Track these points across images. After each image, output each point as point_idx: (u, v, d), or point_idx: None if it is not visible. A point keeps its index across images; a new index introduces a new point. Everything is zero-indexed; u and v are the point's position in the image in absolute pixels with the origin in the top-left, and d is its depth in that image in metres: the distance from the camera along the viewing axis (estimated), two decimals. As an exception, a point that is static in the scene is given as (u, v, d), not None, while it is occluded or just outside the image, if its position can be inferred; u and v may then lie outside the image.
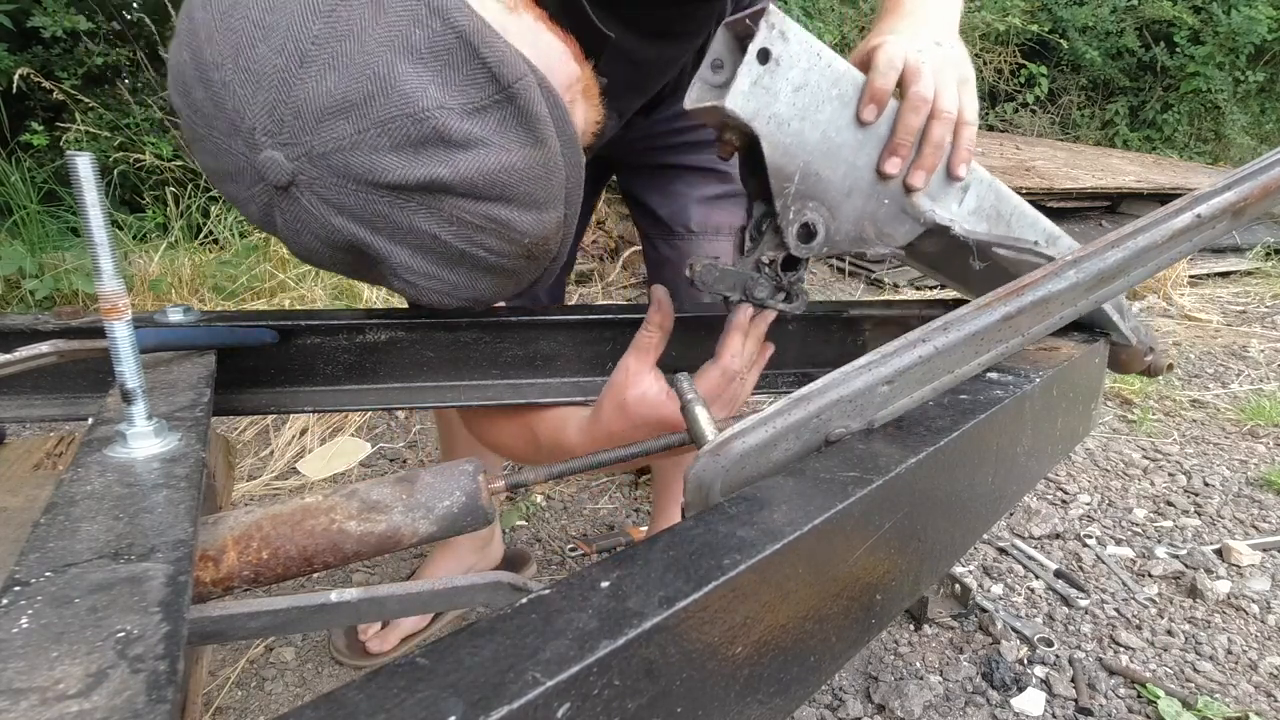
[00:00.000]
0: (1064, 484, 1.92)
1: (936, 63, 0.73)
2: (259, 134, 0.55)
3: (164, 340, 0.74)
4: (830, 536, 0.45)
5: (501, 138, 0.57)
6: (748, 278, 0.74)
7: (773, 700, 0.44)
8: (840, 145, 0.71)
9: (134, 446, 0.53)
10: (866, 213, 0.75)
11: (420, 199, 0.57)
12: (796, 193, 0.71)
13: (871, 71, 0.70)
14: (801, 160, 0.70)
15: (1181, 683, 1.26)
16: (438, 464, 0.59)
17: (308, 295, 2.78)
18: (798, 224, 0.72)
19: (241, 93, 0.54)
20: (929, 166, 0.74)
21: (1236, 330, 3.29)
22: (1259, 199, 0.75)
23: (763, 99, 0.66)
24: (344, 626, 1.32)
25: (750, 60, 0.64)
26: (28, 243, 2.97)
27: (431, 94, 0.54)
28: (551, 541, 1.68)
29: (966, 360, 0.65)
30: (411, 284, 0.63)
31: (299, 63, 0.53)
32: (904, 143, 0.72)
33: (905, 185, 0.75)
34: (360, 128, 0.54)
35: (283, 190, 0.57)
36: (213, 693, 1.22)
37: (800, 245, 0.73)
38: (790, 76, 0.66)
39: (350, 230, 0.58)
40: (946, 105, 0.72)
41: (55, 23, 3.51)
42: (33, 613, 0.36)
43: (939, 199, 0.78)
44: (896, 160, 0.73)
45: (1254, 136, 7.01)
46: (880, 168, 0.73)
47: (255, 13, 0.54)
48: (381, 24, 0.53)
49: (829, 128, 0.70)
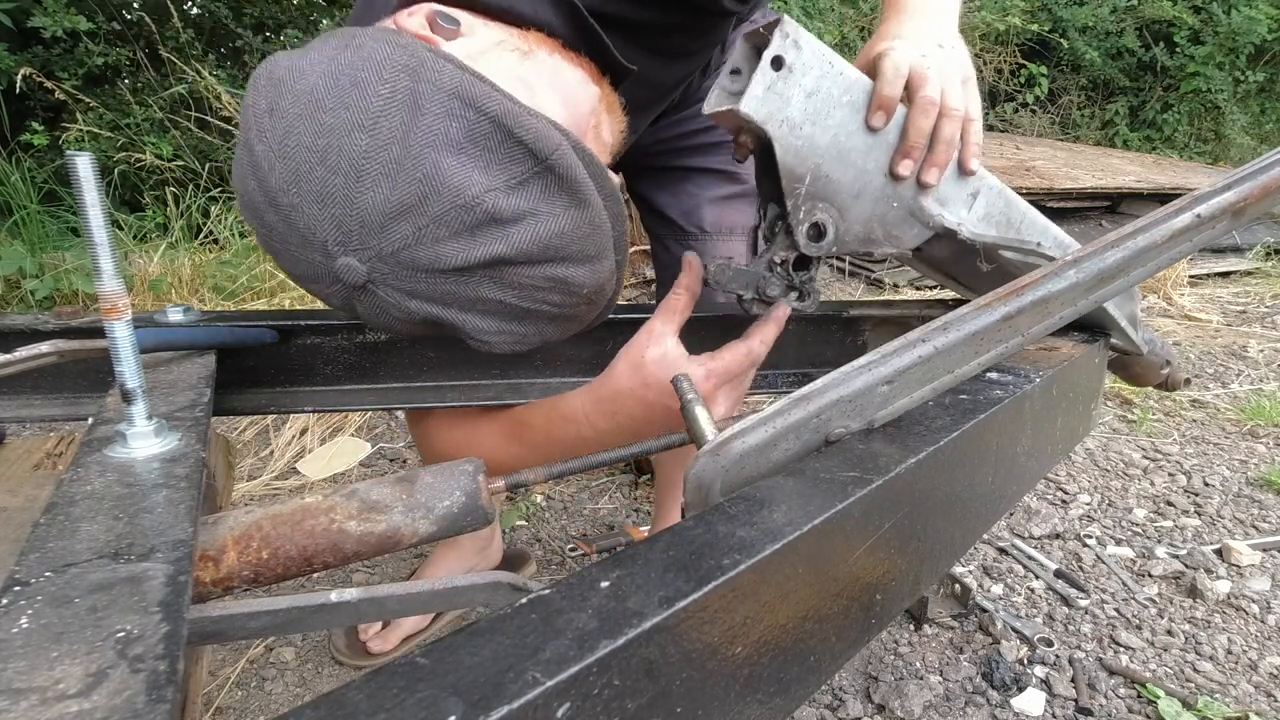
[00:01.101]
0: (1064, 484, 1.92)
1: (941, 65, 0.75)
2: (331, 245, 0.60)
3: (164, 340, 0.74)
4: (830, 536, 0.45)
5: (548, 205, 0.61)
6: (760, 277, 0.76)
7: (773, 700, 0.44)
8: (850, 149, 0.73)
9: (134, 446, 0.53)
10: (875, 215, 0.77)
11: (483, 273, 0.61)
12: (807, 194, 0.73)
13: (879, 80, 0.72)
14: (812, 162, 0.72)
15: (1181, 683, 1.26)
16: (438, 464, 0.59)
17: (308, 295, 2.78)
18: (808, 224, 0.74)
19: (309, 212, 0.59)
20: (941, 163, 0.76)
21: (1236, 330, 3.29)
22: (1259, 199, 0.75)
23: (776, 103, 0.68)
24: (344, 626, 1.32)
25: (764, 66, 0.67)
26: (28, 243, 2.97)
27: (477, 180, 0.58)
28: (551, 541, 1.68)
29: (966, 360, 0.65)
30: (485, 341, 0.67)
31: (355, 178, 0.58)
32: (916, 145, 0.74)
33: (919, 182, 0.77)
34: (419, 225, 0.59)
35: (360, 289, 0.62)
36: (213, 693, 1.22)
37: (810, 244, 0.75)
38: (803, 83, 0.69)
39: (425, 310, 0.63)
40: (954, 104, 0.74)
41: (55, 23, 3.51)
42: (33, 613, 0.36)
43: (948, 203, 0.80)
44: (909, 162, 0.75)
45: (1254, 136, 7.01)
46: (893, 170, 0.75)
47: (307, 138, 0.58)
48: (421, 126, 0.57)
49: (839, 132, 0.72)
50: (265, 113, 0.59)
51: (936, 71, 0.74)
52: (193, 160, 3.41)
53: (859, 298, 3.55)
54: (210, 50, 4.14)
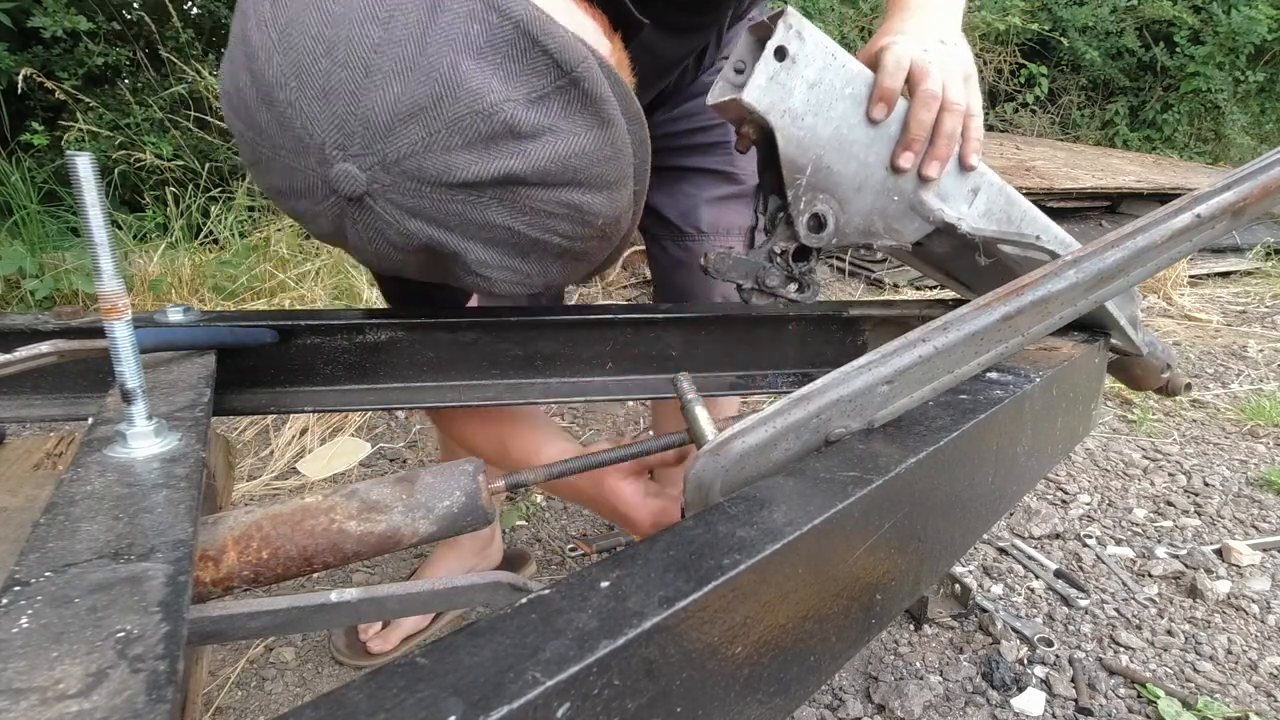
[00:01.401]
0: (1064, 484, 1.92)
1: (943, 60, 0.75)
2: (329, 148, 0.55)
3: (164, 340, 0.74)
4: (830, 536, 0.45)
5: (569, 123, 0.57)
6: (760, 267, 0.77)
7: (773, 700, 0.44)
8: (852, 142, 0.74)
9: (134, 446, 0.53)
10: (876, 208, 0.78)
11: (494, 193, 0.57)
12: (808, 184, 0.74)
13: (880, 72, 0.72)
14: (814, 153, 0.72)
15: (1181, 683, 1.26)
16: (438, 464, 0.59)
17: (308, 295, 2.78)
18: (808, 214, 0.75)
19: (308, 110, 0.54)
20: (943, 157, 0.77)
21: (1236, 330, 3.29)
22: (1259, 199, 0.75)
23: (778, 94, 0.69)
24: (344, 626, 1.32)
25: (768, 56, 0.67)
26: (28, 243, 2.97)
27: (497, 88, 0.54)
28: (551, 541, 1.68)
29: (966, 360, 0.65)
30: (485, 277, 0.63)
31: (364, 73, 0.53)
32: (917, 137, 0.75)
33: (920, 176, 0.77)
34: (430, 130, 0.54)
35: (356, 201, 0.57)
36: (213, 693, 1.22)
37: (810, 235, 0.76)
38: (805, 74, 0.69)
39: (425, 232, 0.58)
40: (956, 98, 0.74)
41: (55, 23, 3.51)
42: (33, 613, 0.36)
43: (949, 199, 0.80)
44: (910, 154, 0.75)
45: (1254, 136, 7.01)
46: (894, 162, 0.76)
47: (314, 28, 0.53)
48: (440, 24, 0.53)
49: (841, 124, 0.73)
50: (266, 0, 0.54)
51: (938, 66, 0.74)
52: (193, 160, 3.41)
53: (859, 298, 3.55)
54: (210, 50, 4.13)
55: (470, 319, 0.89)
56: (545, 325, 0.91)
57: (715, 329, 0.96)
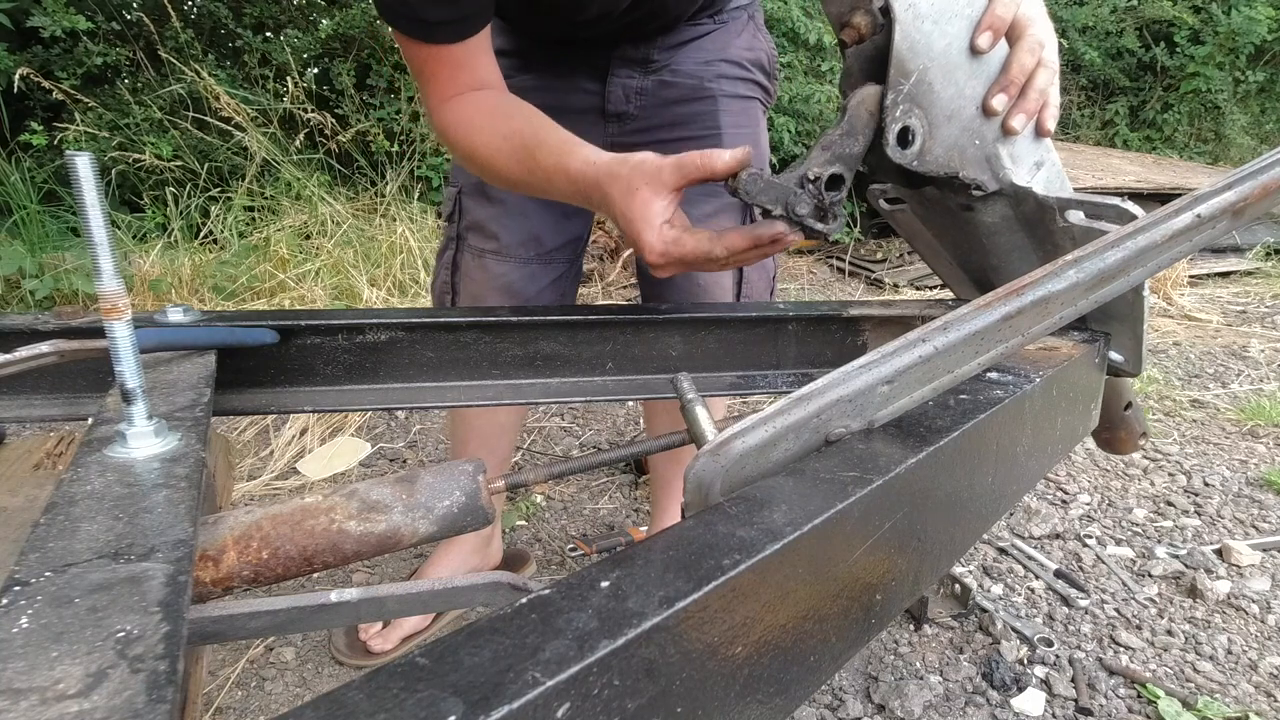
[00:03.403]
0: (1064, 484, 1.92)
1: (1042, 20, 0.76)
2: None
3: (164, 340, 0.74)
4: (830, 536, 0.45)
5: None
6: (790, 192, 0.74)
7: (773, 700, 0.44)
8: (957, 66, 0.74)
9: (134, 446, 0.53)
10: (958, 145, 0.77)
11: None
12: (908, 94, 0.73)
13: (994, 2, 0.72)
14: (922, 63, 0.72)
15: (1181, 683, 1.26)
16: (438, 464, 0.59)
17: (308, 295, 2.78)
18: (901, 124, 0.74)
19: None
20: (1030, 111, 0.77)
21: (1236, 330, 3.29)
22: (1259, 199, 0.75)
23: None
24: (344, 626, 1.32)
25: None
26: (28, 243, 2.97)
27: None
28: (551, 541, 1.68)
29: (966, 360, 0.65)
30: None
31: None
32: (1015, 80, 0.75)
33: (1004, 128, 0.78)
34: None
35: None
36: (213, 693, 1.22)
37: (896, 149, 0.75)
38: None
39: None
40: (1051, 57, 0.75)
41: (55, 22, 3.50)
42: (33, 613, 0.36)
43: (1018, 162, 0.80)
44: (1004, 96, 0.76)
45: (1254, 136, 7.01)
46: (987, 101, 0.76)
47: None
48: None
49: (954, 42, 0.73)
50: None
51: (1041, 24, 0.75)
52: (192, 160, 3.41)
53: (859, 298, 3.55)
54: (210, 50, 4.13)
55: (470, 319, 0.89)
56: (545, 325, 0.91)
57: (715, 329, 0.96)
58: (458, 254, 1.23)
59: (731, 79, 1.18)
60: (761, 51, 1.22)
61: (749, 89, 1.22)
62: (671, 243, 0.76)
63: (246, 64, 4.01)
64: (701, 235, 0.77)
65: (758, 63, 1.21)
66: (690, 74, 1.16)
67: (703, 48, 1.16)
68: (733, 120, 1.19)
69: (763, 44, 1.23)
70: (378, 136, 3.86)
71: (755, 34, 1.22)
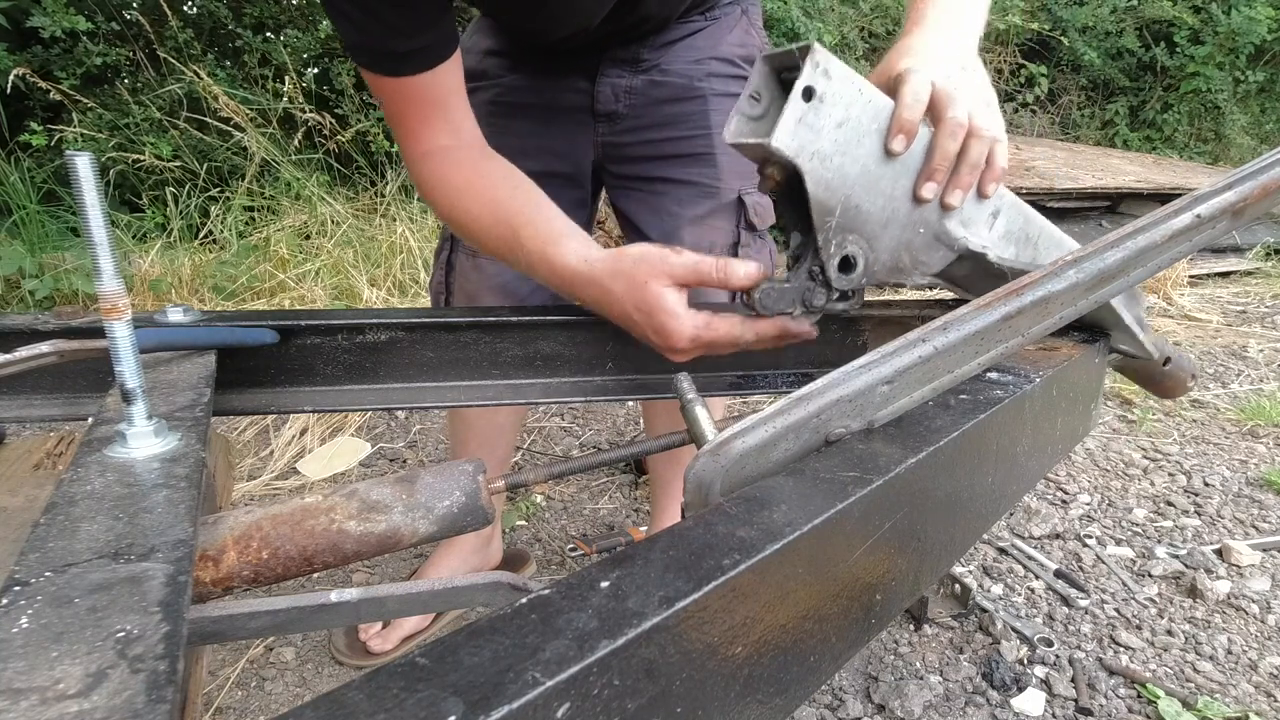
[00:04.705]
0: (1064, 484, 1.92)
1: (965, 87, 0.74)
2: None
3: (164, 340, 0.74)
4: (830, 536, 0.45)
5: None
6: (804, 289, 0.76)
7: (773, 700, 0.44)
8: (879, 177, 0.72)
9: (134, 446, 0.53)
10: (903, 242, 0.76)
11: None
12: (838, 226, 0.72)
13: (899, 104, 0.71)
14: (843, 194, 0.71)
15: (1181, 683, 1.26)
16: (438, 464, 0.59)
17: (308, 295, 2.78)
18: (839, 257, 0.74)
19: None
20: (966, 185, 0.75)
21: (1236, 330, 3.29)
22: (1259, 199, 0.75)
23: (807, 136, 0.67)
24: (344, 626, 1.32)
25: (795, 98, 0.65)
26: (28, 243, 2.97)
27: None
28: (551, 541, 1.68)
29: (966, 360, 0.65)
30: None
31: None
32: (940, 167, 0.73)
33: (942, 204, 0.76)
34: None
35: None
36: (213, 693, 1.22)
37: (840, 277, 0.75)
38: (833, 113, 0.67)
39: None
40: (983, 124, 0.73)
41: (54, 22, 3.50)
42: (33, 613, 0.36)
43: (971, 224, 0.79)
44: (933, 185, 0.74)
45: (1254, 136, 7.01)
46: (917, 192, 0.74)
47: None
48: None
49: (869, 160, 0.71)
50: None
51: (963, 93, 0.72)
52: (192, 160, 3.41)
53: (859, 298, 3.54)
54: (209, 50, 4.13)
55: (470, 319, 0.89)
56: (545, 325, 0.91)
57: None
58: (452, 254, 1.23)
59: (723, 77, 1.17)
60: (754, 48, 1.21)
61: (741, 86, 1.21)
62: (704, 327, 0.76)
63: (246, 64, 4.01)
64: (733, 319, 0.77)
65: (750, 59, 1.20)
66: (680, 73, 1.15)
67: (693, 45, 1.15)
68: (723, 119, 1.17)
69: (756, 40, 1.22)
70: (377, 136, 3.86)
71: (748, 30, 1.21)
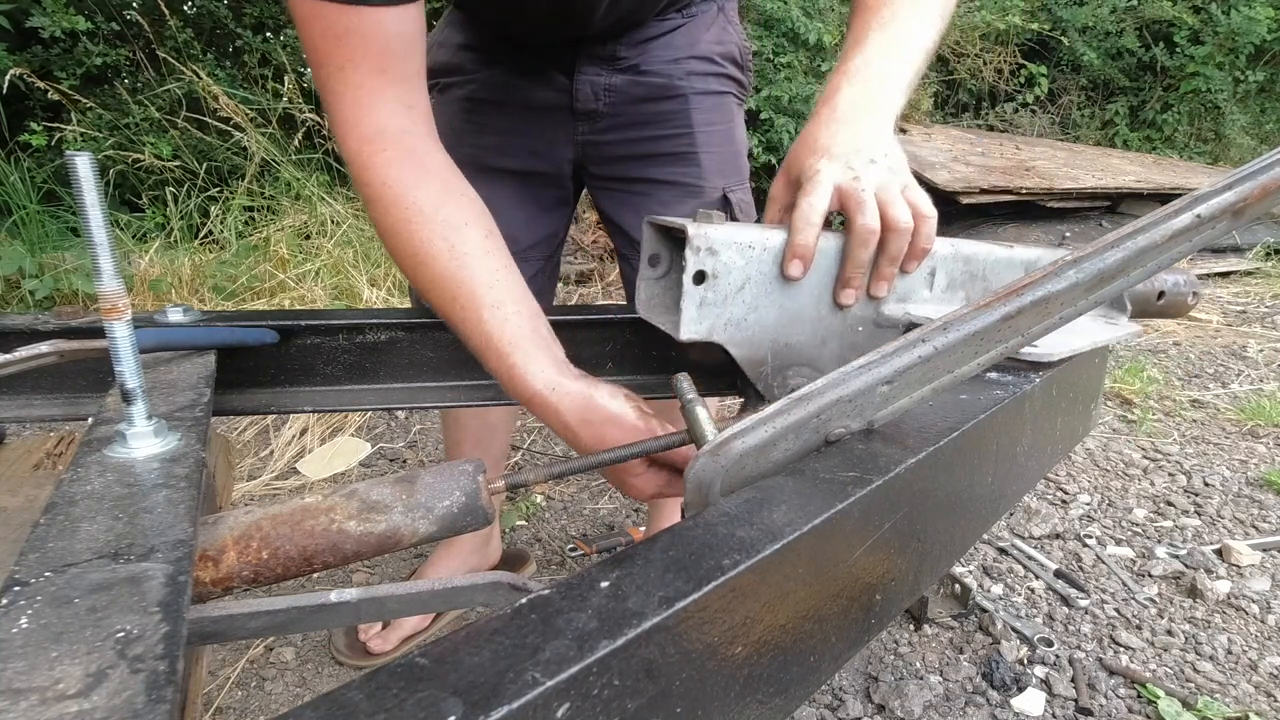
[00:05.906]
0: (1064, 484, 1.92)
1: (876, 181, 0.69)
2: None
3: (164, 340, 0.74)
4: (830, 536, 0.45)
5: None
6: None
7: (772, 700, 0.44)
8: (801, 308, 0.71)
9: (134, 446, 0.53)
10: (846, 345, 0.75)
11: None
12: (774, 369, 0.72)
13: (791, 232, 0.68)
14: (769, 340, 0.71)
15: (1181, 683, 1.26)
16: (438, 464, 0.59)
17: (308, 295, 2.78)
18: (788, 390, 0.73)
19: None
20: (889, 277, 0.72)
21: (1236, 330, 3.29)
22: (1259, 199, 0.75)
23: (712, 313, 0.67)
24: (344, 626, 1.32)
25: (689, 288, 0.65)
26: (28, 243, 2.97)
27: None
28: (551, 541, 1.68)
29: (966, 360, 0.65)
30: None
31: None
32: (854, 275, 0.71)
33: (871, 296, 0.73)
34: None
35: None
36: (213, 693, 1.22)
37: None
38: (731, 281, 0.67)
39: None
40: (899, 216, 0.69)
41: (54, 23, 3.51)
42: (33, 613, 0.36)
43: (909, 296, 0.77)
44: (850, 291, 0.72)
45: (1254, 136, 7.01)
46: (837, 302, 0.72)
47: None
48: None
49: (785, 300, 0.70)
50: None
51: (871, 192, 0.68)
52: (191, 160, 3.41)
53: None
54: (209, 50, 4.13)
55: (470, 319, 0.89)
56: (545, 325, 0.91)
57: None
58: None
59: (702, 75, 1.17)
60: (733, 44, 1.20)
61: (721, 84, 1.20)
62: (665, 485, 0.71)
63: (246, 64, 4.01)
64: None
65: (729, 56, 1.20)
66: (659, 72, 1.14)
67: (671, 44, 1.14)
68: (705, 118, 1.17)
69: (733, 36, 1.21)
70: (378, 136, 3.85)
71: (725, 26, 1.20)
